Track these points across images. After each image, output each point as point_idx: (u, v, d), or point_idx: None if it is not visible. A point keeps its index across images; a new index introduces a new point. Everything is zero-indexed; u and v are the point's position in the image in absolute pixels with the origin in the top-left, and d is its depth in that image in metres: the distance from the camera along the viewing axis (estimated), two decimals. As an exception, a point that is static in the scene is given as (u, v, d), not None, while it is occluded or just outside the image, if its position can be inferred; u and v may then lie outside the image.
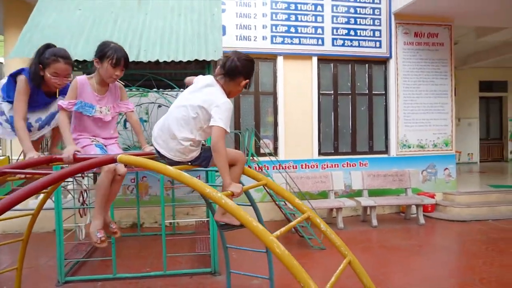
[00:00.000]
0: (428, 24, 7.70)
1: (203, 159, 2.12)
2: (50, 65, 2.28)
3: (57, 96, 2.47)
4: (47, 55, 2.30)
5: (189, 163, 2.13)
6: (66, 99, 2.27)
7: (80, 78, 2.32)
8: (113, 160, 1.84)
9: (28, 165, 2.11)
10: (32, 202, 6.54)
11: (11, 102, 2.40)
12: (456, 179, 7.90)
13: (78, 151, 2.08)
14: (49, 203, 5.35)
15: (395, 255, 5.09)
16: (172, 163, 2.06)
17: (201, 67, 4.52)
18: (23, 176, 2.51)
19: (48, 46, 2.39)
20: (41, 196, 3.23)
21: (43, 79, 2.34)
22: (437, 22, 7.73)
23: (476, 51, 10.98)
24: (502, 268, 4.44)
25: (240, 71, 2.06)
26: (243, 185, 1.94)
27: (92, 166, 1.81)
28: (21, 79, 2.33)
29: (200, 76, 2.23)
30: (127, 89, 4.93)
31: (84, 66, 4.62)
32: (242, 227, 2.03)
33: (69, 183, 5.75)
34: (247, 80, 2.10)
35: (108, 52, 2.26)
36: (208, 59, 4.14)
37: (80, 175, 5.78)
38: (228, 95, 2.10)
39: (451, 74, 7.89)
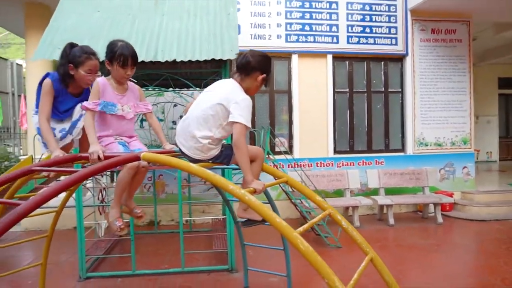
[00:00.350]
0: (446, 20, 7.58)
1: (224, 157, 2.13)
2: (84, 63, 2.33)
3: (84, 91, 2.51)
4: (78, 54, 2.34)
5: (210, 161, 2.15)
6: (89, 100, 2.32)
7: (101, 80, 2.37)
8: (137, 158, 1.89)
9: (54, 163, 2.18)
10: (54, 200, 6.70)
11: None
12: (475, 178, 7.76)
13: (103, 150, 2.14)
14: (69, 201, 5.48)
15: (413, 253, 5.04)
16: (192, 161, 2.09)
17: (217, 66, 4.56)
18: (47, 174, 2.60)
19: (72, 45, 2.44)
20: (63, 194, 3.31)
21: (73, 79, 2.39)
22: (455, 18, 7.59)
23: (495, 47, 10.73)
24: (524, 268, 4.35)
25: (254, 66, 2.08)
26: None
27: (118, 164, 1.86)
28: (46, 82, 2.39)
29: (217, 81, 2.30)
30: (144, 89, 5.01)
31: (102, 67, 4.71)
32: (264, 222, 2.09)
33: (89, 181, 5.87)
34: (264, 75, 2.10)
35: (117, 53, 2.30)
36: (225, 58, 4.17)
37: (99, 173, 5.91)
38: (247, 92, 2.10)
39: (470, 71, 7.75)
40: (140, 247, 5.40)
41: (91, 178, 5.66)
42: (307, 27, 7.15)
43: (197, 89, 5.52)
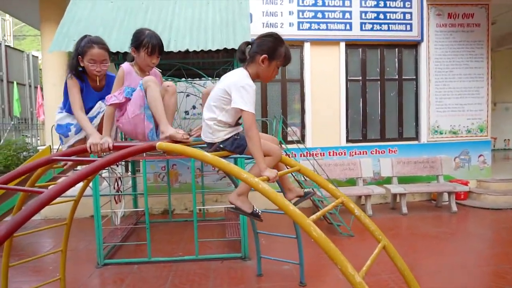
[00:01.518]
0: (463, 4, 7.38)
1: (237, 146, 2.12)
2: (86, 53, 2.32)
3: (97, 83, 2.47)
4: (82, 44, 2.34)
5: (221, 146, 2.13)
6: (114, 90, 2.29)
7: (125, 66, 2.34)
8: (153, 147, 1.92)
9: (73, 153, 2.24)
10: (71, 190, 6.88)
11: (64, 110, 2.50)
12: (491, 166, 7.63)
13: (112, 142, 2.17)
14: (87, 191, 5.62)
15: (426, 241, 5.02)
16: (208, 146, 2.16)
17: (229, 55, 4.56)
18: (63, 164, 2.67)
19: (85, 37, 2.43)
20: (80, 183, 3.40)
21: (86, 72, 2.40)
22: (473, 1, 7.39)
23: (514, 31, 10.41)
24: (541, 257, 4.30)
25: (254, 50, 2.04)
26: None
27: (133, 154, 1.90)
28: (68, 77, 2.41)
29: None
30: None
31: (116, 58, 4.76)
32: (252, 216, 2.14)
33: (105, 171, 5.99)
34: (264, 55, 2.00)
35: (144, 41, 2.27)
36: (237, 48, 4.16)
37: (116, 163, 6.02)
38: (259, 78, 2.10)
39: (488, 57, 7.56)
40: (155, 235, 5.51)
41: (107, 168, 5.77)
42: (319, 15, 7.05)
43: (209, 79, 5.54)
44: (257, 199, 3.21)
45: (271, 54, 2.01)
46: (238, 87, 1.97)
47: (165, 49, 4.37)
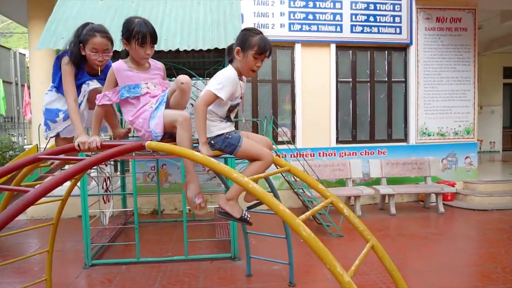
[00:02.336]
0: (451, 8, 7.50)
1: (227, 144, 2.09)
2: (88, 41, 2.21)
3: (99, 73, 2.38)
4: (84, 32, 2.23)
5: (212, 142, 2.10)
6: (105, 89, 2.15)
7: (115, 64, 2.17)
8: (142, 147, 1.91)
9: (59, 151, 2.21)
10: (59, 189, 6.78)
11: (55, 88, 2.41)
12: (477, 168, 7.76)
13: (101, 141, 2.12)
14: (75, 191, 5.54)
15: (414, 242, 5.08)
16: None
17: (220, 55, 4.56)
18: (50, 163, 2.62)
19: (86, 24, 2.32)
20: (68, 182, 3.35)
21: (86, 59, 2.29)
22: (461, 6, 7.51)
23: (500, 35, 10.61)
24: (525, 257, 4.39)
25: (234, 44, 2.13)
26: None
27: (122, 153, 1.88)
28: (65, 61, 2.28)
29: None
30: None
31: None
32: (241, 221, 2.12)
33: (93, 170, 5.92)
34: (237, 48, 2.08)
35: (134, 30, 2.08)
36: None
37: (104, 163, 5.95)
38: (242, 72, 2.15)
39: (474, 60, 7.69)
40: (144, 236, 5.47)
41: (95, 167, 5.70)
42: (310, 16, 7.09)
43: (200, 78, 5.53)
44: (241, 198, 3.20)
45: (242, 45, 2.08)
46: (218, 76, 2.10)
47: (156, 49, 4.37)
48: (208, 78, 6.35)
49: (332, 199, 1.91)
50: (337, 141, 7.36)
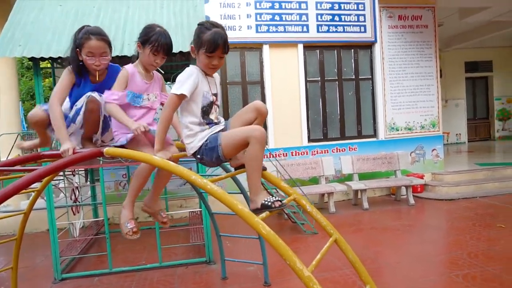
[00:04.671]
0: (412, 6, 7.75)
1: (209, 150, 1.87)
2: (84, 45, 2.14)
3: (97, 79, 2.29)
4: (80, 35, 2.16)
5: (198, 156, 1.94)
6: (116, 88, 2.14)
7: (129, 67, 2.20)
8: (100, 153, 1.87)
9: (16, 162, 2.13)
10: (24, 203, 6.53)
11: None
12: (443, 159, 8.05)
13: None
14: (42, 203, 5.35)
15: (386, 235, 5.21)
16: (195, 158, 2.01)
17: (186, 58, 4.52)
18: (8, 175, 2.52)
19: (82, 28, 2.25)
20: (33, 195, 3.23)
21: (85, 66, 2.22)
22: (420, 4, 7.78)
23: (460, 32, 11.09)
24: (488, 242, 4.59)
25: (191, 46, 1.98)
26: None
27: (77, 161, 1.83)
28: (66, 69, 2.23)
29: None
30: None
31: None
32: (268, 208, 1.73)
33: (60, 181, 5.74)
34: (191, 46, 1.95)
35: (152, 38, 2.12)
36: (193, 51, 4.14)
37: (70, 172, 5.77)
38: (205, 70, 1.96)
39: (436, 56, 7.98)
40: (117, 245, 5.35)
41: (62, 178, 5.53)
42: (277, 17, 7.15)
43: (167, 82, 5.46)
44: (214, 201, 3.19)
45: (195, 44, 1.93)
46: (176, 80, 1.93)
47: (119, 53, 4.28)
48: (174, 83, 6.30)
49: (294, 196, 1.93)
50: (309, 140, 7.45)
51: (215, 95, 2.02)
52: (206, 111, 1.94)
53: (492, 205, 6.33)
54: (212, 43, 1.85)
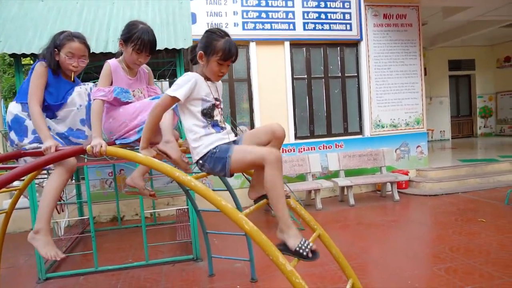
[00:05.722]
0: (396, 5, 7.86)
1: (216, 160, 1.80)
2: (65, 45, 2.15)
3: (71, 79, 2.30)
4: (61, 36, 2.18)
5: (201, 162, 1.87)
6: (100, 85, 2.12)
7: (112, 62, 2.19)
8: (82, 151, 1.85)
9: (2, 159, 2.09)
10: (6, 202, 6.41)
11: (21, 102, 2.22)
12: (428, 156, 8.20)
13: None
14: (26, 203, 5.26)
15: (372, 230, 5.29)
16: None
17: (171, 56, 4.50)
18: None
19: (64, 31, 2.28)
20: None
21: (60, 67, 2.22)
22: (405, 3, 7.89)
23: (444, 31, 11.27)
24: (469, 235, 4.70)
25: (197, 46, 1.94)
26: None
27: (58, 159, 1.82)
28: (38, 64, 2.19)
29: None
30: (96, 81, 4.86)
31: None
32: (297, 256, 1.66)
33: (44, 179, 5.65)
34: (200, 52, 1.89)
35: (134, 36, 2.10)
36: (178, 48, 4.12)
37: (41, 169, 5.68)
38: (208, 76, 1.94)
39: (420, 54, 8.10)
40: (104, 244, 5.30)
41: (46, 177, 5.44)
42: (263, 15, 7.16)
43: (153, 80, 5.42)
44: (201, 198, 3.19)
45: (205, 50, 1.89)
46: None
47: (104, 50, 4.24)
48: (162, 80, 6.25)
49: (278, 192, 1.95)
50: (296, 137, 7.50)
51: (217, 99, 1.97)
52: (207, 113, 1.90)
53: (473, 200, 6.48)
54: (228, 51, 1.87)
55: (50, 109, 2.23)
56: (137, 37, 2.08)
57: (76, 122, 2.25)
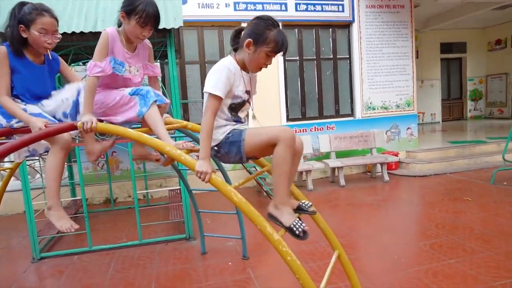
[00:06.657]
0: (389, -14, 7.81)
1: (230, 143, 1.78)
2: (36, 21, 1.99)
3: (42, 57, 2.17)
4: (27, 11, 1.99)
5: (215, 148, 1.82)
6: (97, 59, 1.98)
7: (111, 31, 2.03)
8: (73, 127, 1.87)
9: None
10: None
11: None
12: (418, 138, 8.32)
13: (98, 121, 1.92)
14: (18, 185, 5.25)
15: (361, 210, 5.41)
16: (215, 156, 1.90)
17: (162, 35, 4.46)
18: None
19: (22, 3, 2.09)
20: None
21: (26, 44, 2.07)
22: (397, -16, 7.85)
23: (436, 13, 11.23)
24: (455, 213, 4.84)
25: (243, 34, 1.80)
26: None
27: (48, 135, 1.83)
28: (3, 46, 2.04)
29: None
30: (86, 61, 4.80)
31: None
32: (289, 231, 1.69)
33: (36, 161, 5.64)
34: (249, 40, 1.74)
35: (138, 7, 1.95)
36: (168, 27, 4.08)
37: (46, 152, 5.67)
38: (248, 66, 1.84)
39: (412, 36, 8.11)
40: (97, 225, 5.36)
41: (37, 158, 5.43)
42: (255, -5, 7.08)
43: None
44: (194, 179, 3.24)
45: (256, 39, 1.75)
46: (209, 73, 1.78)
47: (93, 30, 4.18)
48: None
49: (268, 168, 2.00)
50: (288, 119, 7.54)
51: (248, 92, 1.89)
52: (235, 108, 1.83)
53: (461, 181, 6.64)
54: (281, 44, 1.77)
55: (37, 98, 2.15)
56: (142, 9, 1.95)
57: (58, 113, 2.19)
